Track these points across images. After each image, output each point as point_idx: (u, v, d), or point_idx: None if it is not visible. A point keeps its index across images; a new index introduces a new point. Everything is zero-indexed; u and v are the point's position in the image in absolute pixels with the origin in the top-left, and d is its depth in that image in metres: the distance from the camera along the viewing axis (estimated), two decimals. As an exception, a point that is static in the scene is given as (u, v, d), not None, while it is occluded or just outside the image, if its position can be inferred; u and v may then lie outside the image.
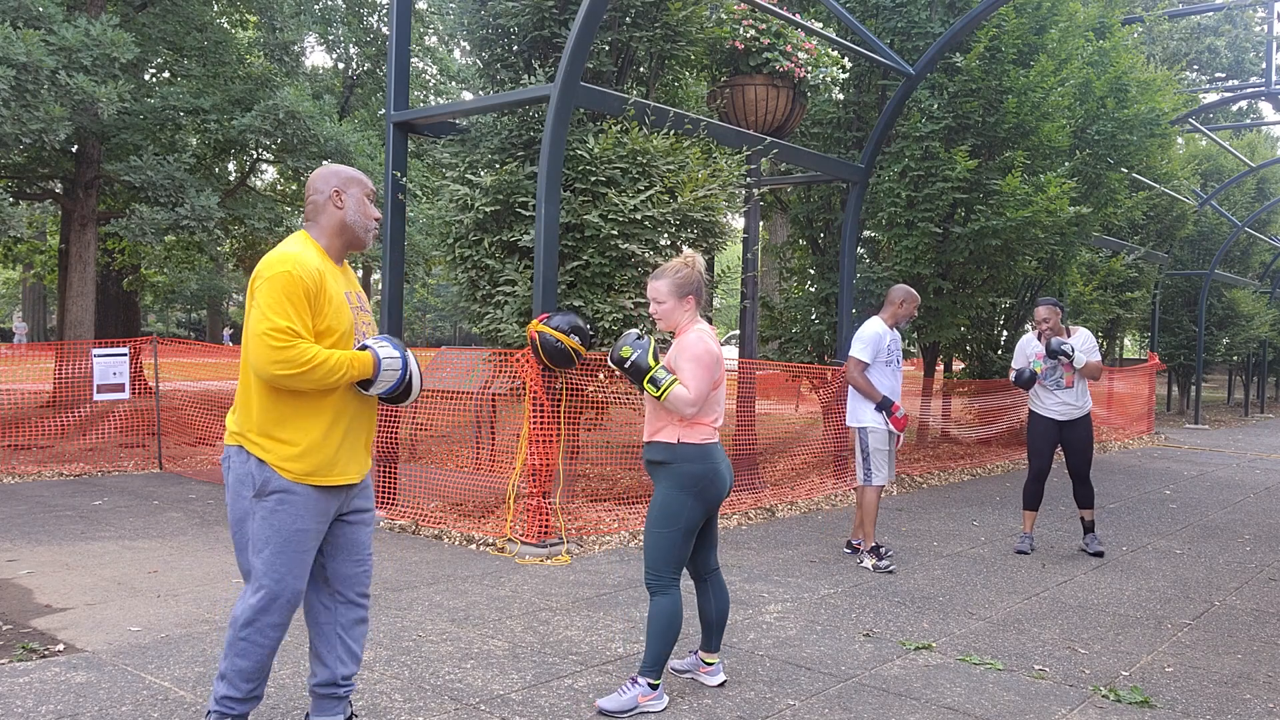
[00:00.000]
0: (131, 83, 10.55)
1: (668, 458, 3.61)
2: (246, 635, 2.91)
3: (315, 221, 3.06)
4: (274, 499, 2.89)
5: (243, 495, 2.92)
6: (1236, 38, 25.70)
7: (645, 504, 7.49)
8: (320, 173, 3.08)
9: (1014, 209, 9.72)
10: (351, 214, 3.08)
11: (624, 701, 3.51)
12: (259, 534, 2.89)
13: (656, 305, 3.72)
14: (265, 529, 2.89)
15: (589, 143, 6.68)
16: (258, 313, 2.80)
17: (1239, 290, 20.75)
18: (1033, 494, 6.69)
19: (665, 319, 3.71)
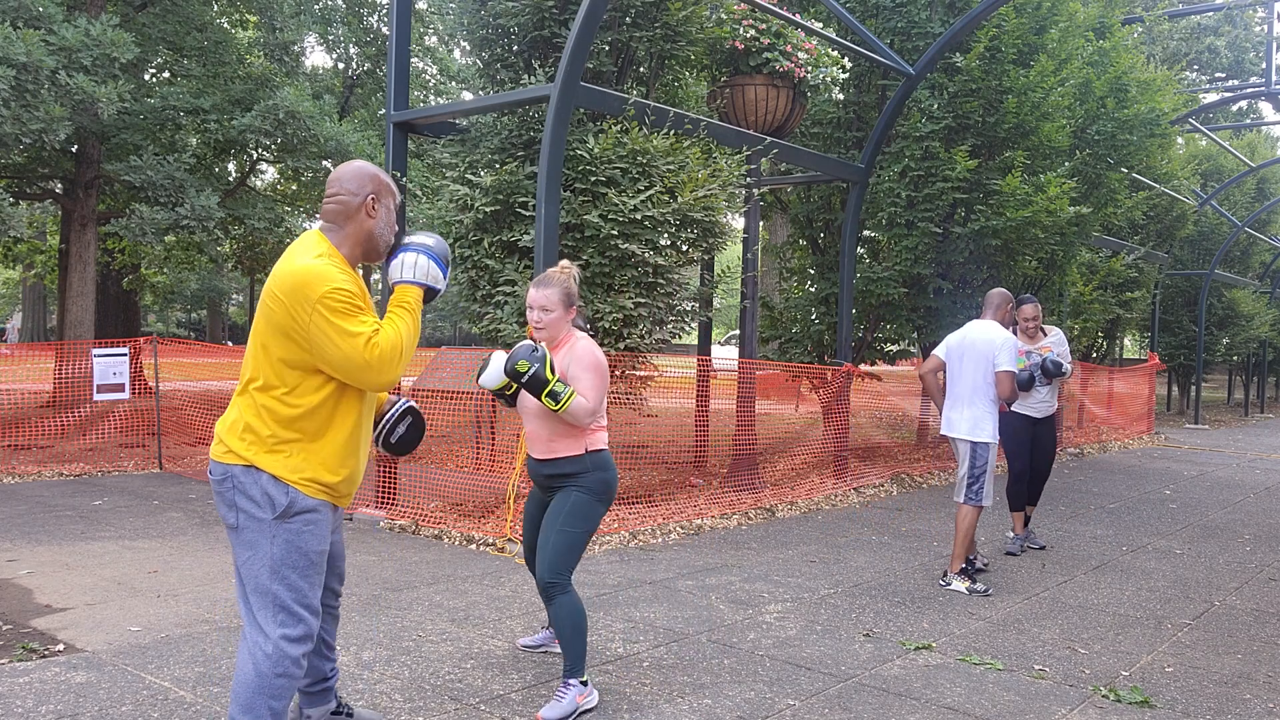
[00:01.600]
0: (131, 83, 10.55)
1: (578, 469, 3.63)
2: (285, 671, 2.65)
3: (339, 226, 2.75)
4: (300, 520, 2.67)
5: (260, 519, 2.64)
6: (1236, 38, 25.70)
7: (645, 504, 7.49)
8: (352, 171, 2.77)
9: (1014, 209, 9.72)
10: (381, 226, 2.82)
11: (565, 707, 3.46)
12: (282, 559, 2.65)
13: (544, 314, 3.61)
14: (290, 553, 2.66)
15: (589, 143, 6.68)
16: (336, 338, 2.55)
17: (1239, 290, 20.74)
18: (1018, 494, 6.68)
19: (551, 328, 3.63)
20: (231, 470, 2.66)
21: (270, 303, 2.62)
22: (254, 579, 2.66)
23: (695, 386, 9.11)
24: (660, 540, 6.69)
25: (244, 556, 2.68)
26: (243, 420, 2.68)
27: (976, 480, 5.56)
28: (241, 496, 2.65)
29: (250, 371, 2.70)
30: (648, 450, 9.07)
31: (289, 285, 2.57)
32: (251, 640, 2.66)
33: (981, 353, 5.59)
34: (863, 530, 7.29)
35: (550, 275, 3.67)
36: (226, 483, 2.67)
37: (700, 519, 7.25)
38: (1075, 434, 14.00)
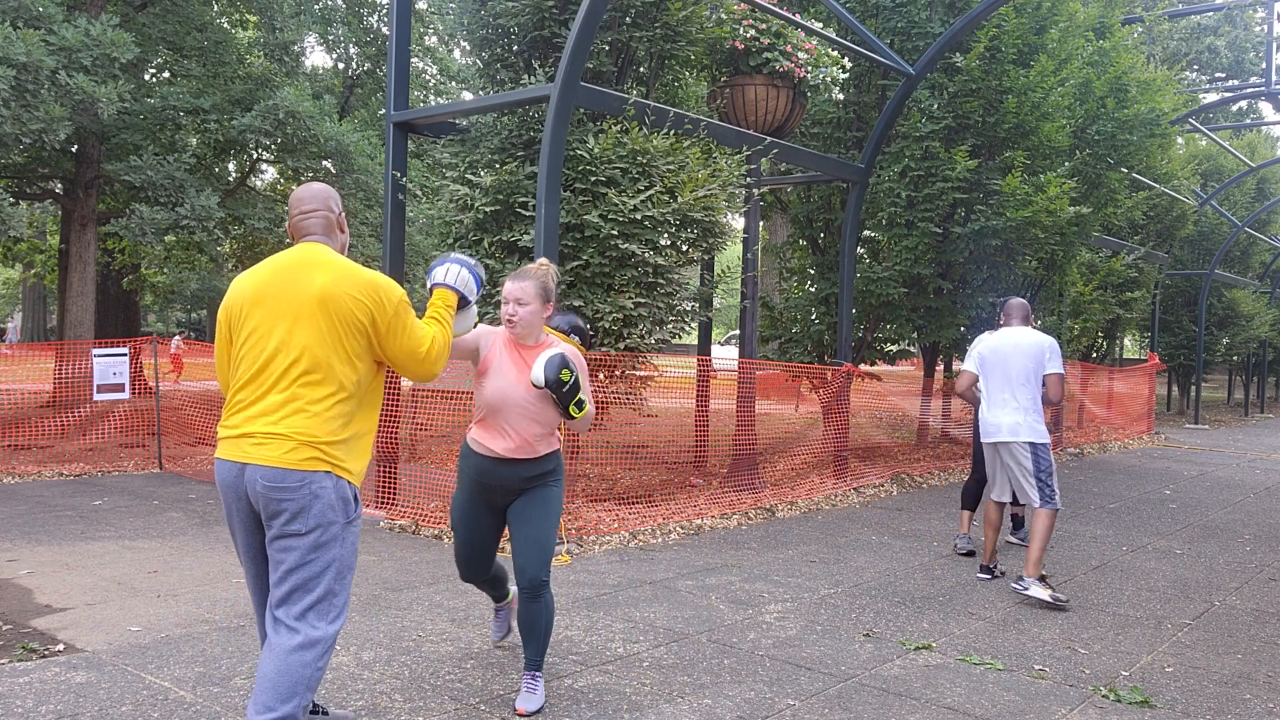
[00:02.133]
0: (131, 83, 10.55)
1: (555, 465, 3.65)
2: (325, 664, 2.79)
3: (330, 238, 2.96)
4: (358, 520, 2.84)
5: (334, 523, 2.75)
6: (1236, 38, 25.71)
7: (645, 504, 7.49)
8: (323, 190, 2.98)
9: (1014, 209, 9.72)
10: (345, 243, 3.05)
11: (541, 698, 3.57)
12: (345, 560, 2.78)
13: (519, 306, 3.52)
14: (349, 554, 2.79)
15: (589, 143, 6.68)
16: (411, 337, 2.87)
17: (1239, 290, 20.74)
18: (975, 495, 6.70)
19: (524, 322, 3.53)
20: (314, 476, 2.70)
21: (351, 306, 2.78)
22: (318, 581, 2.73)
23: (695, 386, 9.11)
24: (660, 540, 6.69)
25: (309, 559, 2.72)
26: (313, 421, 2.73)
27: (1047, 482, 5.42)
28: (320, 504, 2.71)
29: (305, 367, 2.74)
30: (648, 450, 9.07)
31: (370, 288, 2.81)
32: (304, 635, 2.71)
33: (1030, 355, 5.57)
34: (863, 530, 7.29)
35: (528, 269, 3.62)
36: (305, 488, 2.69)
37: (700, 519, 7.25)
38: (1075, 434, 14.00)
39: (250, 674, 3.82)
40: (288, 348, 2.75)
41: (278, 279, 2.81)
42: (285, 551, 2.72)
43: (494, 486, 3.59)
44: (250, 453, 2.72)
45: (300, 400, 2.73)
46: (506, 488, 3.59)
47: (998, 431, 5.58)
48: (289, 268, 2.83)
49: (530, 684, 3.58)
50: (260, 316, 2.79)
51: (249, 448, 2.73)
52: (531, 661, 3.59)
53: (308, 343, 2.74)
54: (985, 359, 5.75)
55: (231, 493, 2.81)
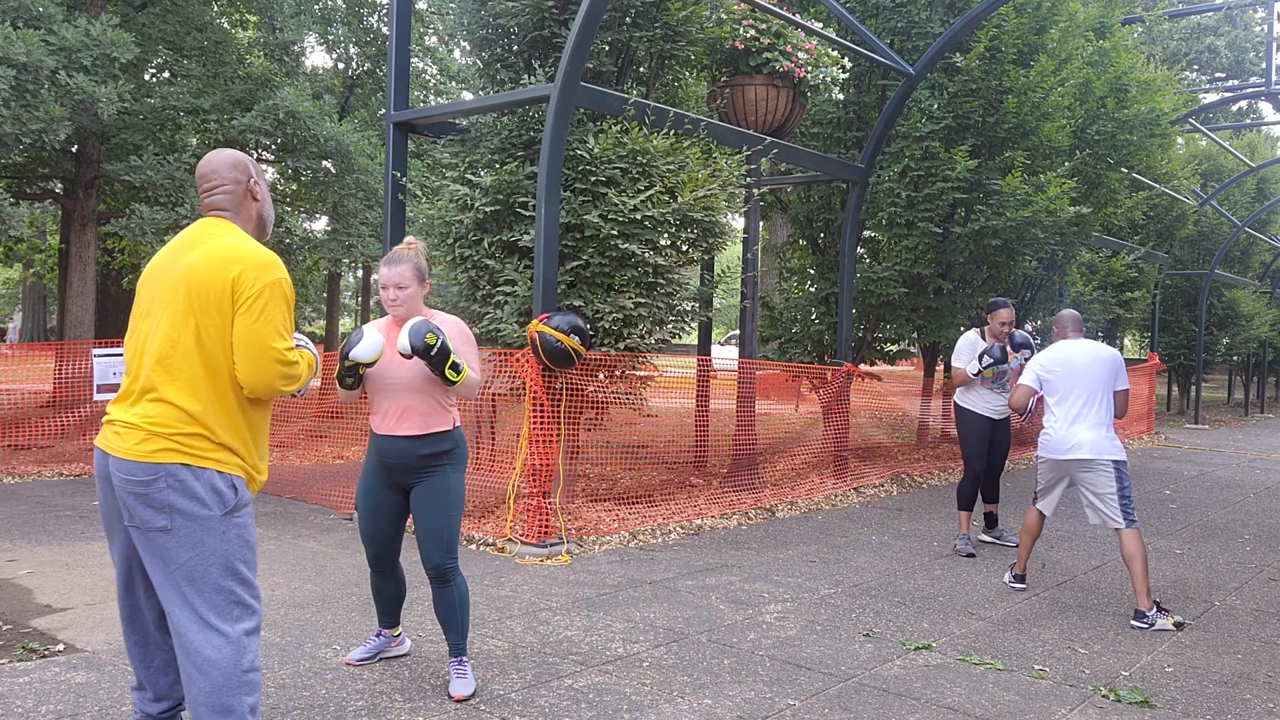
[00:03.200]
0: (131, 83, 10.54)
1: (451, 444, 3.66)
2: (251, 664, 2.62)
3: (235, 212, 2.75)
4: (246, 512, 2.65)
5: (205, 514, 2.55)
6: (1236, 38, 25.70)
7: (645, 504, 7.49)
8: (224, 160, 2.77)
9: (1014, 209, 9.72)
10: (267, 207, 2.86)
11: (472, 681, 3.66)
12: (235, 553, 2.60)
13: (399, 291, 3.61)
14: (242, 547, 2.62)
15: (589, 143, 6.68)
16: (268, 327, 2.57)
17: (1239, 290, 20.74)
18: (972, 495, 6.68)
19: (407, 304, 3.64)
20: (165, 469, 2.53)
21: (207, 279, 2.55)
22: (203, 578, 2.56)
23: (695, 386, 9.11)
24: (660, 540, 6.69)
25: (184, 558, 2.55)
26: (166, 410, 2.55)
27: (1129, 501, 5.21)
28: (178, 497, 2.53)
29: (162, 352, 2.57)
30: (648, 450, 9.07)
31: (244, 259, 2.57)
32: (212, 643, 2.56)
33: (1106, 369, 5.38)
34: (863, 530, 7.29)
35: (399, 253, 3.66)
36: (156, 484, 2.52)
37: (700, 519, 7.25)
38: (1075, 434, 13.98)
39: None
40: (153, 332, 2.60)
41: (163, 259, 2.68)
42: (154, 553, 2.57)
43: (392, 465, 3.65)
44: (111, 442, 2.59)
45: (156, 390, 2.56)
46: (404, 466, 3.63)
47: (1078, 449, 5.29)
48: (175, 246, 2.69)
49: (459, 669, 3.66)
50: (143, 299, 2.68)
51: (110, 436, 2.60)
52: (456, 647, 3.68)
53: (167, 326, 2.57)
54: (1053, 374, 5.45)
55: (104, 483, 2.66)
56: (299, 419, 11.45)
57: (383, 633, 4.03)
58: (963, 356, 6.76)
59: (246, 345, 2.56)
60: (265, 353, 2.58)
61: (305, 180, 13.87)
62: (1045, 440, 5.48)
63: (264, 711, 3.44)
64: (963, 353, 6.78)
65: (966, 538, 6.58)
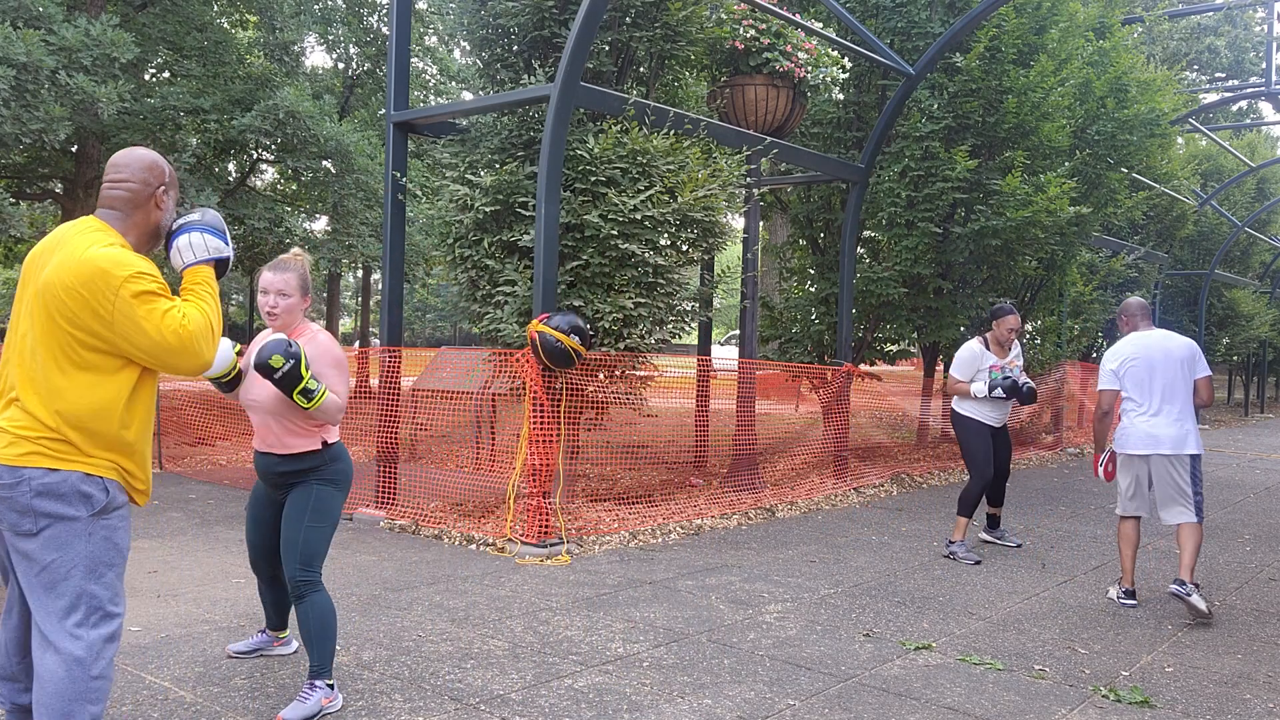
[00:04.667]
0: (131, 83, 10.54)
1: (318, 463, 3.54)
2: (101, 672, 2.54)
3: (125, 214, 2.64)
4: (117, 515, 2.58)
5: (71, 516, 2.49)
6: (1236, 38, 25.70)
7: (645, 504, 7.49)
8: (140, 160, 2.67)
9: (1014, 209, 9.72)
10: (166, 219, 2.73)
11: (310, 708, 3.36)
12: (101, 556, 2.53)
13: (280, 298, 3.47)
14: (109, 550, 2.55)
15: (589, 143, 6.69)
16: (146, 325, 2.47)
17: (1239, 290, 20.74)
18: (977, 502, 6.45)
19: (285, 315, 3.50)
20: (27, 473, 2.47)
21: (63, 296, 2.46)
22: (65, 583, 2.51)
23: (695, 386, 9.11)
24: (660, 540, 6.69)
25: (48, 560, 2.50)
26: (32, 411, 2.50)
27: (1201, 494, 5.19)
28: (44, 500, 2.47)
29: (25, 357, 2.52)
30: (648, 450, 9.07)
31: (85, 275, 2.45)
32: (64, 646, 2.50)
33: (1184, 359, 5.25)
34: (863, 530, 7.29)
35: (286, 260, 3.54)
36: (21, 487, 2.46)
37: (700, 519, 7.25)
38: (1075, 434, 13.99)
39: (250, 674, 3.82)
40: (15, 334, 2.55)
41: (33, 259, 2.60)
42: (20, 554, 2.52)
43: (263, 477, 3.63)
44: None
45: (19, 396, 2.51)
46: (271, 480, 3.59)
47: (1159, 444, 5.19)
48: (45, 245, 2.60)
49: (304, 692, 3.41)
50: (18, 294, 2.63)
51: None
52: (312, 668, 3.44)
53: (26, 330, 2.52)
54: (1130, 370, 5.31)
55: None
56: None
57: (265, 631, 4.00)
58: (964, 369, 6.50)
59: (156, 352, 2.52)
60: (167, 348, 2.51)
61: (305, 180, 13.88)
62: (1124, 435, 5.33)
63: (264, 712, 3.44)
64: (965, 365, 6.50)
65: (964, 544, 6.41)
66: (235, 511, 7.24)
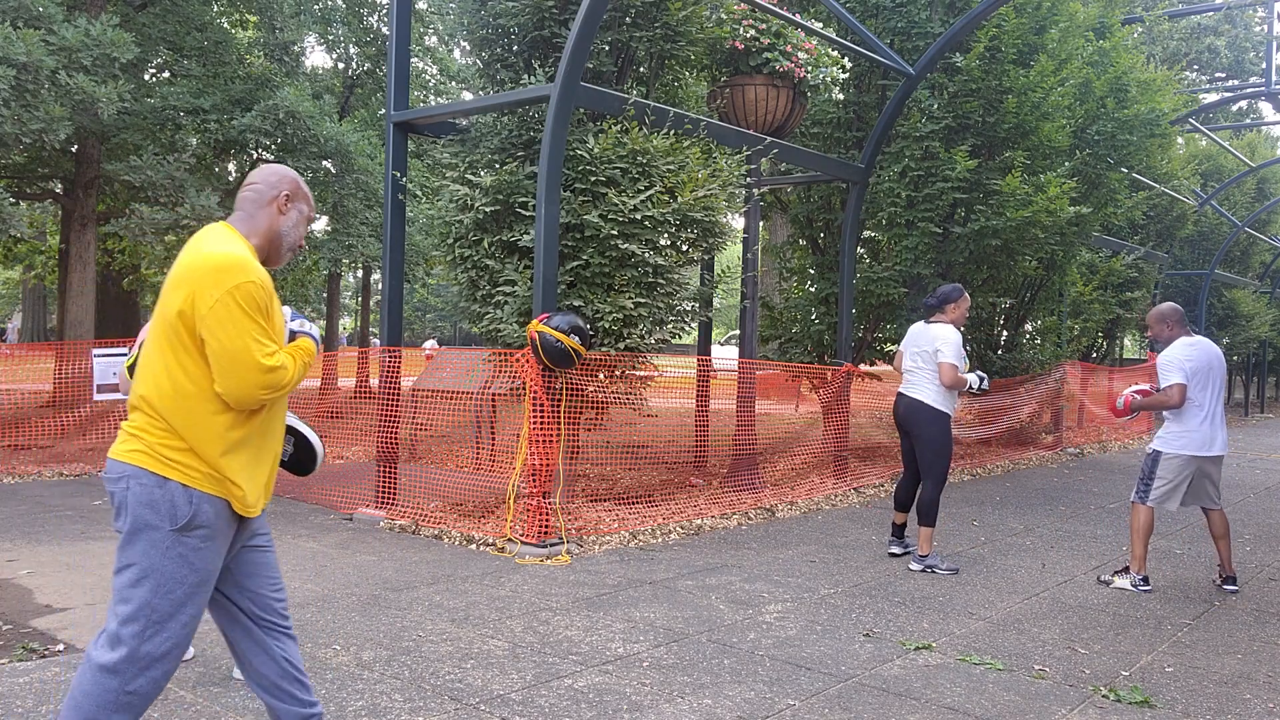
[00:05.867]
0: (131, 83, 10.54)
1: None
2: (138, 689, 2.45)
3: (250, 215, 2.66)
4: (200, 534, 2.48)
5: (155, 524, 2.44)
6: (1236, 38, 25.69)
7: (646, 504, 7.49)
8: (273, 169, 2.75)
9: (1014, 209, 9.72)
10: (288, 227, 2.73)
11: None
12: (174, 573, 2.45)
13: None
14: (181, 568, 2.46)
15: (589, 143, 6.69)
16: (234, 338, 2.42)
17: (1239, 290, 20.74)
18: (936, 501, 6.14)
19: None
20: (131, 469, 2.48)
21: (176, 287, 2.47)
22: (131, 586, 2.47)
23: (695, 386, 9.11)
24: (660, 540, 6.69)
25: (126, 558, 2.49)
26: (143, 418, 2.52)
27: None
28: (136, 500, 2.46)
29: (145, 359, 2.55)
30: (648, 450, 9.07)
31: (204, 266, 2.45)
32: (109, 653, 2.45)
33: (1223, 366, 5.62)
34: (863, 530, 7.29)
35: None
36: (121, 483, 2.47)
37: (700, 519, 7.25)
38: (1075, 434, 14.00)
39: (250, 674, 3.82)
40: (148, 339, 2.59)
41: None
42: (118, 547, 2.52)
43: None
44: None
45: (139, 394, 2.51)
46: None
47: (1215, 446, 5.54)
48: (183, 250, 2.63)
49: None
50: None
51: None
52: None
53: (149, 339, 2.55)
54: (1199, 372, 5.50)
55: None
56: (299, 419, 11.44)
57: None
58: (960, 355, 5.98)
59: (218, 360, 2.43)
60: (238, 364, 2.44)
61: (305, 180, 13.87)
62: (1186, 438, 5.53)
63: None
64: (960, 352, 5.98)
65: (938, 554, 6.06)
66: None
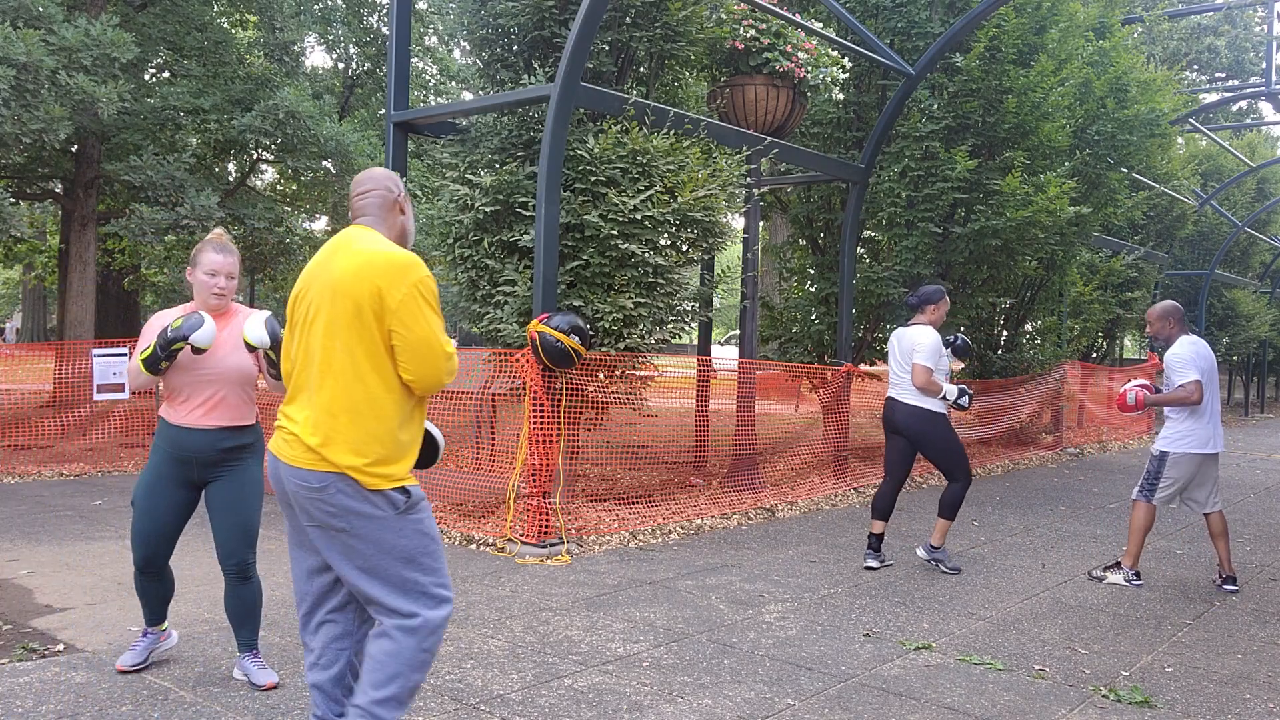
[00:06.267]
0: (131, 83, 10.54)
1: (254, 437, 3.69)
2: (428, 648, 2.66)
3: (381, 219, 2.77)
4: (422, 507, 2.70)
5: (380, 516, 2.61)
6: (1236, 38, 25.69)
7: (645, 504, 7.49)
8: (382, 172, 2.83)
9: (1014, 209, 9.72)
10: (410, 225, 2.88)
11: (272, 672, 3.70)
12: (417, 547, 2.65)
13: (229, 281, 3.59)
14: (422, 539, 2.67)
15: (589, 143, 6.69)
16: (426, 327, 2.59)
17: (1239, 290, 20.73)
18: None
19: (229, 296, 3.64)
20: (345, 482, 2.60)
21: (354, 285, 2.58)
22: (385, 571, 2.64)
23: (695, 386, 9.11)
24: (660, 540, 6.69)
25: (367, 551, 2.62)
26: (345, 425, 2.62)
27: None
28: (351, 499, 2.61)
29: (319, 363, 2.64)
30: (648, 450, 9.06)
31: (390, 263, 2.59)
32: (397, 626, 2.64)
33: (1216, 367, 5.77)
34: (863, 530, 7.29)
35: (224, 242, 3.63)
36: (338, 495, 2.60)
37: (700, 519, 7.25)
38: (1075, 434, 13.99)
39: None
40: (314, 342, 2.65)
41: (314, 267, 2.72)
42: (337, 550, 2.65)
43: (191, 459, 3.57)
44: (281, 449, 2.67)
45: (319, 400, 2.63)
46: (205, 460, 3.58)
47: (1219, 443, 5.70)
48: (323, 254, 2.73)
49: (260, 661, 3.72)
50: (302, 307, 2.70)
51: (280, 443, 2.68)
52: (249, 642, 3.71)
53: (324, 337, 2.62)
54: (1206, 371, 5.59)
55: (276, 484, 2.72)
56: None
57: (149, 631, 3.85)
58: (935, 357, 5.84)
59: (411, 349, 2.59)
60: (430, 352, 2.61)
61: (305, 180, 13.88)
62: (1193, 436, 5.62)
63: (264, 712, 3.45)
64: (936, 353, 5.83)
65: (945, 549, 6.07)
66: (235, 511, 7.24)
